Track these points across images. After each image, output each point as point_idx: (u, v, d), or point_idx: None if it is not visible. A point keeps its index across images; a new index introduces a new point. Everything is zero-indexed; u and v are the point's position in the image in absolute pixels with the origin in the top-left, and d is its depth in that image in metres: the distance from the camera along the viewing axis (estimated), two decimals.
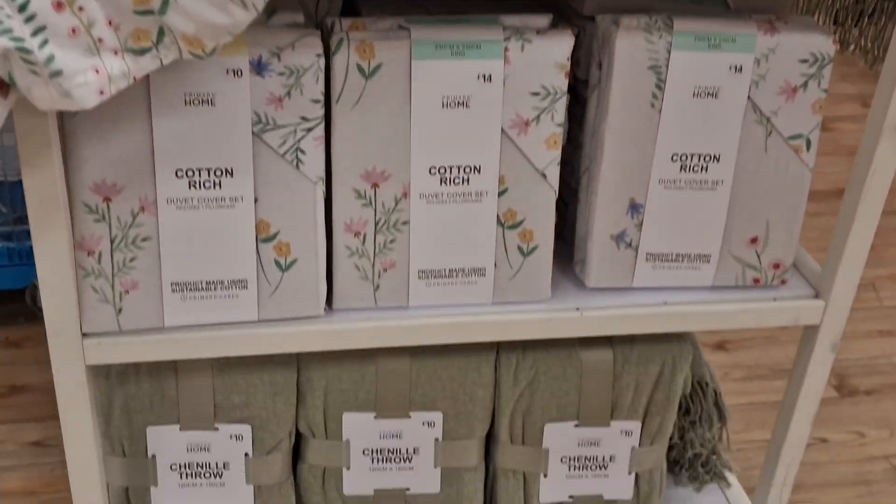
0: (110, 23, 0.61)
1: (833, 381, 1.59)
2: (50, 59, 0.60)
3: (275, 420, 1.00)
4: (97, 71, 0.62)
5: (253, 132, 0.81)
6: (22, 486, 1.33)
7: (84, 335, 0.85)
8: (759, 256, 0.95)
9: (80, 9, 0.60)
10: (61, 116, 0.78)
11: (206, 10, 0.62)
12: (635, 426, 1.06)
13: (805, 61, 0.87)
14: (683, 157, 0.90)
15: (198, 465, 1.02)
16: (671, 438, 1.18)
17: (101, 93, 0.63)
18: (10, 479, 1.34)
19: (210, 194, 0.83)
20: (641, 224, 0.93)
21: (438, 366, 1.00)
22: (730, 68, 0.87)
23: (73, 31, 0.60)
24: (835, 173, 2.23)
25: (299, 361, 0.99)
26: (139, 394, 0.97)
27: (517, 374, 1.01)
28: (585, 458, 1.07)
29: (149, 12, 0.62)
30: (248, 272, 0.86)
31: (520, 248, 0.92)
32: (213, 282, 0.86)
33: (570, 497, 1.09)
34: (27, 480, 1.33)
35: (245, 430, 1.00)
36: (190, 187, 0.82)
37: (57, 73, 0.60)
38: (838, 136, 2.42)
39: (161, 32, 0.63)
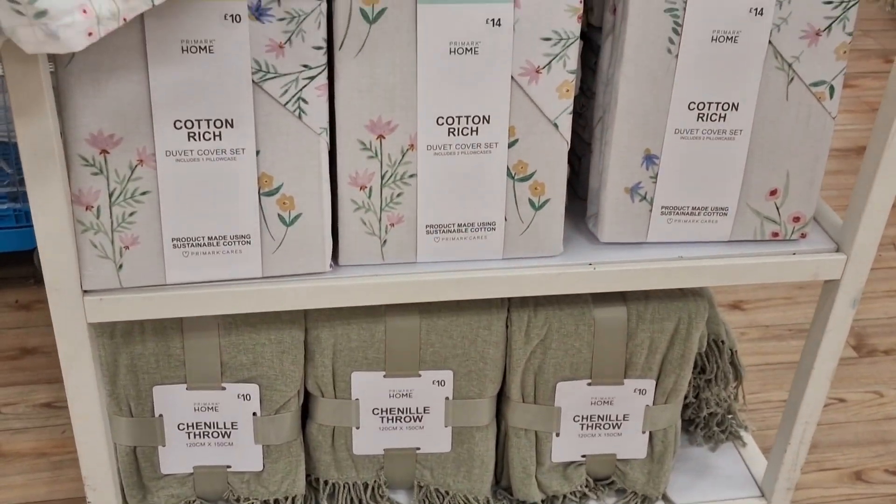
0: None
1: (851, 342, 1.56)
2: None
3: (283, 379, 0.99)
4: (84, 11, 0.59)
5: (253, 81, 0.79)
6: (33, 447, 1.32)
7: (85, 292, 0.84)
8: (778, 209, 0.92)
9: None
10: (55, 65, 0.76)
11: None
12: (649, 384, 1.03)
13: (829, 3, 0.84)
14: (701, 106, 0.87)
15: (205, 424, 1.00)
16: (686, 397, 1.15)
17: (90, 34, 0.60)
18: (22, 440, 1.33)
19: (210, 146, 0.80)
20: (657, 176, 0.90)
21: (448, 323, 0.98)
22: (750, 11, 0.83)
23: None
24: (856, 130, 2.18)
25: (307, 320, 0.98)
26: (145, 353, 0.96)
27: (529, 332, 0.99)
28: (598, 416, 1.05)
29: None
30: (250, 227, 0.84)
31: (531, 202, 0.89)
32: (216, 237, 0.84)
33: (583, 456, 1.08)
34: (38, 442, 1.33)
35: (253, 389, 0.99)
36: (189, 139, 0.80)
37: (42, 13, 0.58)
38: (860, 92, 2.37)
39: None
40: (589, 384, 1.03)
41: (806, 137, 0.89)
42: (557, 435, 1.05)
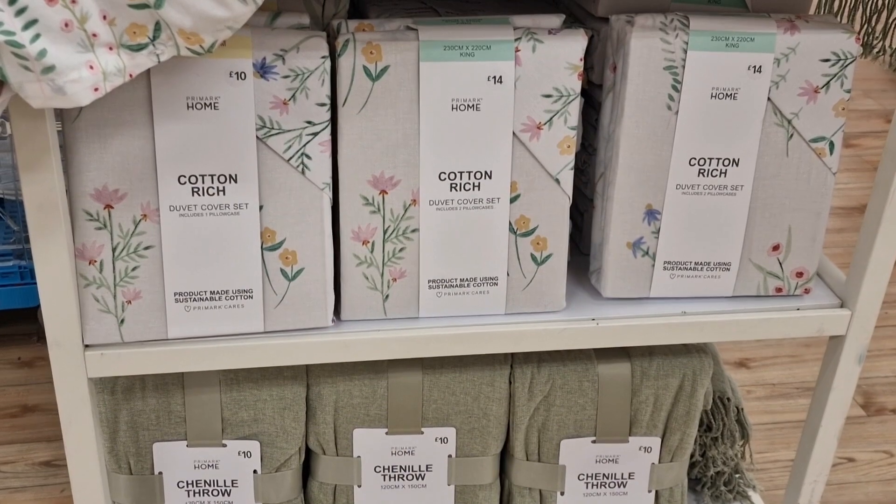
0: (105, 17, 0.60)
1: (859, 400, 1.55)
2: (42, 53, 0.58)
3: (284, 436, 0.98)
4: (91, 67, 0.60)
5: (257, 137, 0.80)
6: None
7: (86, 347, 0.83)
8: (781, 264, 0.92)
9: (73, 1, 0.58)
10: (62, 121, 0.77)
11: (203, 2, 0.60)
12: (655, 442, 1.02)
13: (827, 60, 0.85)
14: (702, 162, 0.87)
15: (205, 482, 0.99)
16: (692, 456, 1.14)
17: (96, 90, 0.61)
18: (20, 499, 1.32)
19: (213, 201, 0.81)
20: (659, 231, 0.90)
21: (451, 380, 0.98)
22: (749, 68, 0.84)
23: (66, 24, 0.58)
24: (858, 189, 2.19)
25: (309, 376, 0.97)
26: (145, 409, 0.95)
27: (532, 389, 0.98)
28: (603, 475, 1.03)
29: (144, 6, 0.60)
30: (253, 281, 0.84)
31: (533, 257, 0.89)
32: (218, 291, 0.84)
33: None
34: (37, 501, 1.31)
35: (254, 446, 0.98)
36: (193, 194, 0.80)
37: (49, 69, 0.59)
38: (861, 152, 2.38)
39: (158, 27, 0.61)
40: (593, 441, 1.02)
41: (807, 193, 0.89)
42: (562, 494, 1.04)
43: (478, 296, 0.90)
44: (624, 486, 1.04)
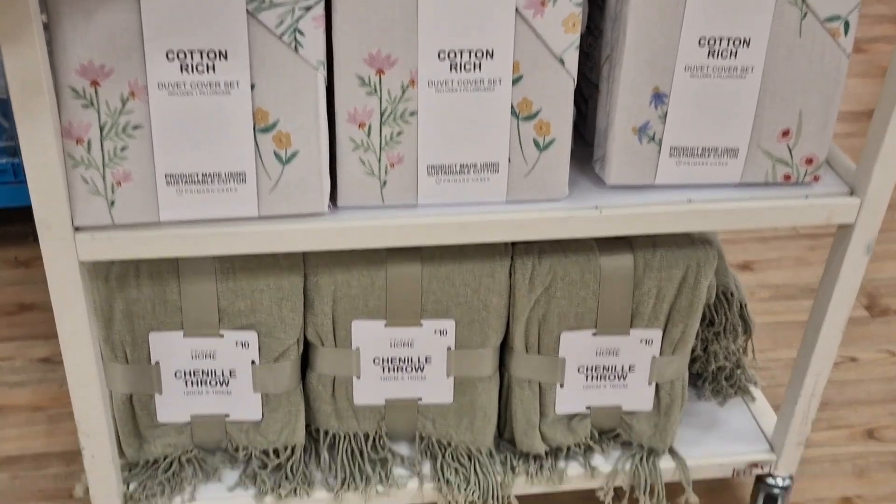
0: None
1: (864, 301, 1.54)
2: None
3: (282, 327, 0.97)
4: None
5: (247, 10, 0.76)
6: (30, 401, 1.31)
7: (76, 230, 0.82)
8: (790, 151, 0.89)
9: None
10: None
11: None
12: (656, 334, 1.01)
13: None
14: (711, 42, 0.84)
15: (203, 372, 0.99)
16: (694, 351, 1.13)
17: None
18: (19, 394, 1.32)
19: (203, 79, 0.78)
20: (665, 115, 0.87)
21: (451, 271, 0.96)
22: None
23: None
24: (868, 94, 2.15)
25: (306, 266, 0.95)
26: (140, 298, 0.94)
27: (533, 280, 0.97)
28: (603, 367, 1.03)
29: None
30: (246, 164, 0.82)
31: (535, 142, 0.86)
32: (210, 174, 0.82)
33: (588, 408, 1.05)
34: (35, 395, 1.32)
35: (251, 336, 0.97)
36: (182, 71, 0.77)
37: None
38: (872, 56, 2.33)
39: None
40: (594, 334, 1.01)
41: (819, 76, 0.86)
42: (561, 386, 1.03)
43: (478, 183, 0.88)
44: (624, 379, 1.04)
